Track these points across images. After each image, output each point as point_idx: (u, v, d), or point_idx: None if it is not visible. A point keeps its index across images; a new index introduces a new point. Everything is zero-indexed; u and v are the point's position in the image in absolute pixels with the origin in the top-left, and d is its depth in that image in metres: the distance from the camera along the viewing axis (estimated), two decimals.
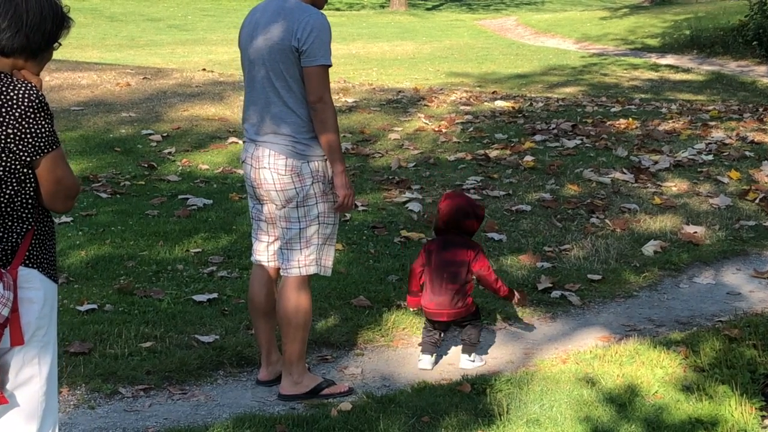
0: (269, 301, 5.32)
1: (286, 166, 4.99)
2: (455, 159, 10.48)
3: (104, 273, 6.90)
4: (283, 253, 5.15)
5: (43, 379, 3.36)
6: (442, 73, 18.43)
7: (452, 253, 5.63)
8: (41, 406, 3.37)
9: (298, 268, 5.12)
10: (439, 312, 5.63)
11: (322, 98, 4.95)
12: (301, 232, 5.07)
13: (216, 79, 15.12)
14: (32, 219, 3.31)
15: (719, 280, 7.26)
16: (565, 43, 25.35)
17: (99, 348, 5.64)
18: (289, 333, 5.16)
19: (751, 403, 4.93)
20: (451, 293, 5.59)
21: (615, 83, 17.50)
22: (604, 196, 9.11)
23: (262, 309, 5.32)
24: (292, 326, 5.14)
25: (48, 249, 3.37)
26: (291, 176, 4.99)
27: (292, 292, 5.14)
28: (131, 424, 4.90)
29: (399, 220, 8.30)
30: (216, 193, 9.04)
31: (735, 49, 21.30)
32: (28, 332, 3.27)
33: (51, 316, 3.37)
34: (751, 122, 12.76)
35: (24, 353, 3.30)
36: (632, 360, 5.48)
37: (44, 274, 3.33)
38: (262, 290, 5.33)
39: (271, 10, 5.04)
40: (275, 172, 5.01)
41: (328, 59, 4.96)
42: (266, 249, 5.30)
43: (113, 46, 23.01)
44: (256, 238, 5.33)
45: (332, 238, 5.19)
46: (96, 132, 11.27)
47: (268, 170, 5.02)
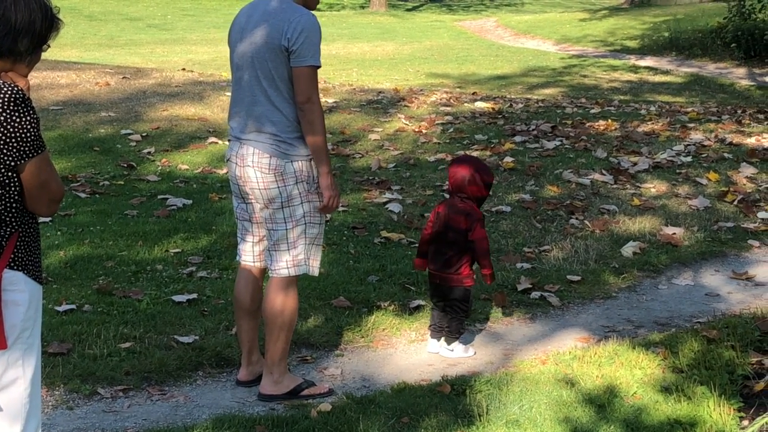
0: (254, 301, 5.31)
1: (270, 165, 4.98)
2: (435, 160, 10.49)
3: (83, 273, 6.87)
4: (270, 255, 5.14)
5: (27, 381, 3.34)
6: (422, 73, 18.45)
7: (453, 219, 5.80)
8: (25, 408, 3.35)
9: (287, 268, 5.11)
10: (433, 273, 5.83)
11: (310, 98, 4.95)
12: (288, 233, 5.07)
13: (196, 79, 15.08)
14: (16, 222, 3.28)
15: (698, 282, 7.28)
16: (544, 44, 25.41)
17: (78, 348, 5.62)
18: (273, 332, 5.15)
19: (729, 404, 4.95)
20: (445, 257, 5.76)
21: (594, 85, 17.55)
22: (583, 198, 9.14)
23: (246, 309, 5.32)
24: (277, 326, 5.14)
25: (33, 251, 3.34)
26: (274, 175, 4.99)
27: (279, 292, 5.13)
28: (110, 425, 4.88)
29: (379, 220, 8.30)
30: (195, 194, 9.01)
31: (714, 51, 21.39)
32: (12, 335, 3.25)
33: (36, 318, 3.35)
34: (730, 124, 12.82)
35: (8, 356, 3.27)
36: (611, 361, 5.49)
37: (29, 276, 3.31)
38: (248, 290, 5.32)
39: (261, 9, 5.03)
40: (259, 171, 5.00)
41: (317, 60, 4.97)
42: (252, 249, 5.29)
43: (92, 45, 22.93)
44: (242, 238, 5.32)
45: (319, 238, 5.19)
46: (75, 132, 11.23)
47: (251, 168, 5.02)
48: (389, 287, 6.76)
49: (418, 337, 6.12)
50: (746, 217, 8.68)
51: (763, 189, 9.49)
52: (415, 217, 8.39)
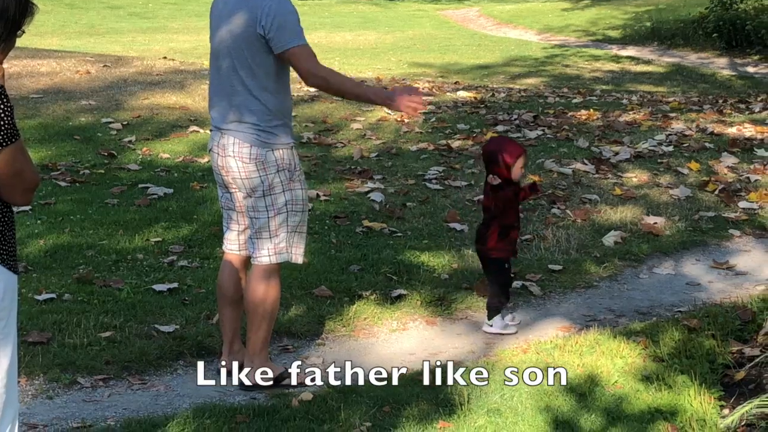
0: (237, 289, 5.30)
1: (251, 155, 4.97)
2: (417, 149, 10.48)
3: (63, 262, 6.84)
4: (253, 243, 5.13)
5: (3, 371, 3.31)
6: (405, 63, 18.42)
7: (485, 195, 6.14)
8: (1, 398, 3.32)
9: (268, 256, 5.10)
10: (476, 249, 6.28)
11: (312, 73, 4.96)
12: (269, 222, 5.05)
13: (177, 68, 15.02)
14: None
15: (679, 271, 7.30)
16: (527, 34, 25.40)
17: (58, 338, 5.60)
18: (255, 321, 5.14)
19: (710, 393, 4.96)
20: (479, 232, 6.16)
21: (576, 74, 17.56)
22: (565, 187, 9.14)
23: (229, 297, 5.30)
24: (259, 315, 5.12)
25: (7, 239, 3.32)
26: (255, 164, 4.98)
27: (261, 281, 5.12)
28: (90, 414, 4.87)
29: (361, 210, 8.29)
30: (177, 182, 8.98)
31: (695, 41, 21.43)
32: None
33: (11, 309, 3.32)
34: (711, 114, 12.85)
35: None
36: (592, 350, 5.50)
37: (3, 265, 3.28)
38: (231, 278, 5.31)
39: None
40: (240, 161, 4.99)
41: (300, 39, 4.92)
42: (237, 238, 5.28)
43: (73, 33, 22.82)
44: (227, 227, 5.31)
45: (302, 226, 5.17)
46: (55, 120, 11.17)
47: (233, 158, 5.01)
48: (371, 277, 6.76)
49: (399, 327, 6.12)
50: (727, 207, 8.70)
51: (744, 179, 9.51)
52: (396, 206, 8.38)
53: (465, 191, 8.96)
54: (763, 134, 11.32)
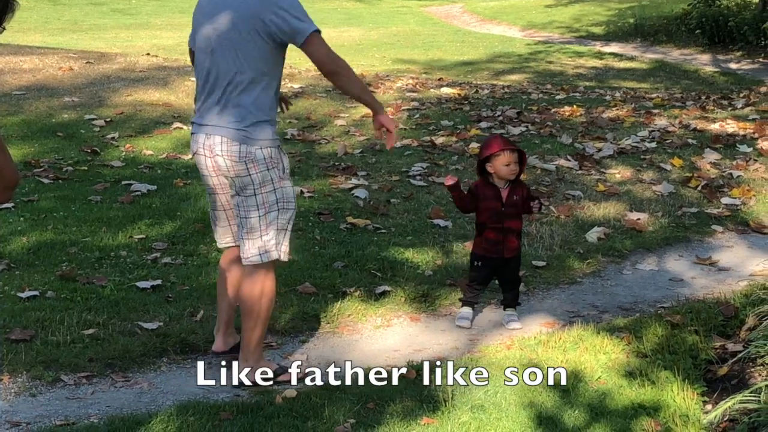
0: (238, 276, 5.32)
1: (240, 153, 4.95)
2: (401, 146, 10.48)
3: (46, 259, 6.81)
4: (243, 242, 5.11)
5: None
6: (389, 59, 18.43)
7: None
8: None
9: (259, 255, 5.09)
10: None
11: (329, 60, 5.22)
12: (260, 220, 5.04)
13: (160, 64, 14.97)
14: None
15: (662, 267, 7.32)
16: (510, 30, 25.44)
17: (41, 335, 5.58)
18: (251, 319, 5.13)
19: (693, 389, 4.98)
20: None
21: (560, 71, 17.60)
22: (548, 183, 9.16)
23: (231, 284, 5.35)
24: (254, 313, 5.12)
25: None
26: (245, 162, 4.96)
27: (257, 279, 5.11)
28: (73, 411, 4.85)
29: (345, 206, 8.29)
30: (160, 179, 8.96)
31: (678, 38, 21.51)
32: None
33: None
34: (694, 110, 12.88)
35: None
36: (576, 346, 5.51)
37: None
38: (232, 267, 5.34)
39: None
40: (229, 159, 4.97)
41: (312, 26, 5.03)
42: (230, 232, 5.29)
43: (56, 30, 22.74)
44: (217, 225, 5.32)
45: (290, 223, 5.17)
46: (38, 117, 11.12)
47: (221, 157, 4.98)
48: (355, 273, 6.76)
49: (383, 323, 6.12)
50: (710, 203, 8.73)
51: (727, 175, 9.54)
52: (380, 202, 8.38)
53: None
54: (746, 130, 11.36)
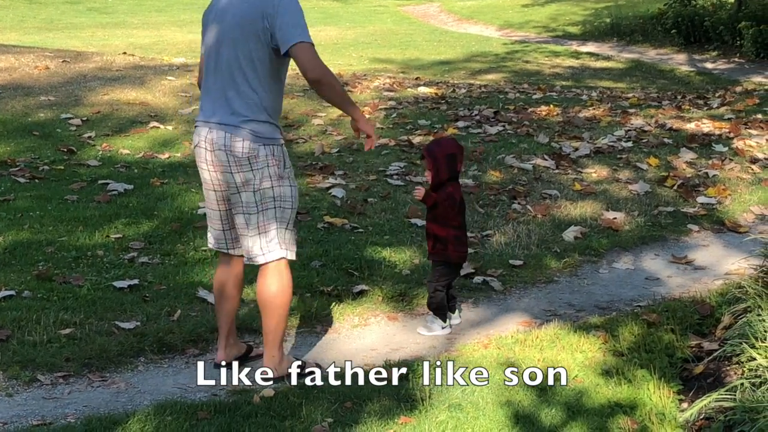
0: (235, 286, 5.33)
1: (243, 149, 4.95)
2: (379, 145, 10.48)
3: (22, 259, 6.79)
4: (245, 241, 5.11)
5: None
6: (366, 59, 18.42)
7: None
8: None
9: (263, 254, 5.09)
10: None
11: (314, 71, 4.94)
12: (260, 218, 5.03)
13: (137, 63, 14.93)
14: None
15: (638, 266, 7.35)
16: (487, 30, 25.48)
17: (17, 335, 5.56)
18: (272, 318, 5.14)
19: (669, 387, 5.01)
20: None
21: (537, 70, 17.64)
22: (525, 183, 9.18)
23: (225, 293, 5.34)
24: (271, 311, 5.13)
25: None
26: (248, 158, 4.96)
27: (268, 278, 5.12)
28: (50, 411, 4.84)
29: (322, 205, 8.29)
30: (137, 178, 8.94)
31: (654, 38, 21.60)
32: None
33: None
34: (670, 110, 12.95)
35: None
36: (553, 345, 5.53)
37: None
38: (228, 275, 5.32)
39: None
40: (231, 155, 4.97)
41: (305, 36, 4.91)
42: (224, 236, 5.27)
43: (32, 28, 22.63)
44: (211, 226, 5.31)
45: (291, 222, 5.16)
46: (14, 116, 11.08)
47: (223, 152, 4.98)
48: (332, 272, 6.76)
49: (361, 322, 6.13)
50: (686, 202, 8.77)
51: (702, 174, 9.59)
52: (358, 202, 8.38)
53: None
54: (722, 130, 11.42)
